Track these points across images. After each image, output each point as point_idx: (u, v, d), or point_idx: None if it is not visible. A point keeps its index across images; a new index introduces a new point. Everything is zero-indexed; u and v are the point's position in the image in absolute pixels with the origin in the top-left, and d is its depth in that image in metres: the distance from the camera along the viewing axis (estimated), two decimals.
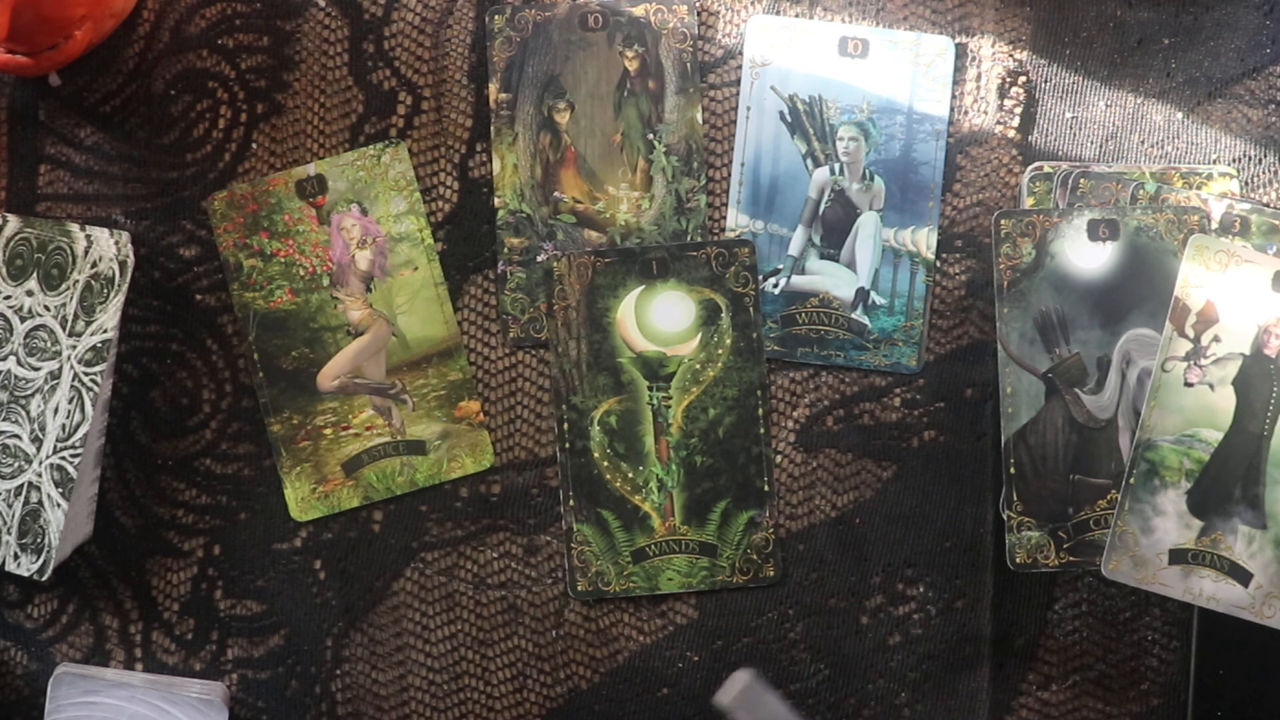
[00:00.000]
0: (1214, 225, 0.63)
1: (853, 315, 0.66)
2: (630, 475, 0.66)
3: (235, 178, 0.67)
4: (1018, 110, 0.67)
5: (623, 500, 0.66)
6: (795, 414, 0.66)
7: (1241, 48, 0.67)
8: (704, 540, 0.66)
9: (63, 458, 0.63)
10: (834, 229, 0.67)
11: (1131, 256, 0.63)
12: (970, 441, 0.66)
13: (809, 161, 0.67)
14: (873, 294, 0.66)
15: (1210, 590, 0.61)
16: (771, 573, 0.66)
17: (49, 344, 0.64)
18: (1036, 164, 0.65)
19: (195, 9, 0.67)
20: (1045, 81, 0.67)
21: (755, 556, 0.66)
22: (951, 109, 0.67)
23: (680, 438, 0.66)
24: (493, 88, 0.67)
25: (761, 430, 0.66)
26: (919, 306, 0.66)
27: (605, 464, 0.66)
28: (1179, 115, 0.67)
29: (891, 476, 0.66)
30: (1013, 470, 0.63)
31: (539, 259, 0.67)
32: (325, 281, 0.67)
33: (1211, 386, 0.61)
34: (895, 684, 0.66)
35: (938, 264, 0.67)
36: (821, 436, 0.66)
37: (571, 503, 0.66)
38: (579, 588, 0.66)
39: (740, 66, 0.67)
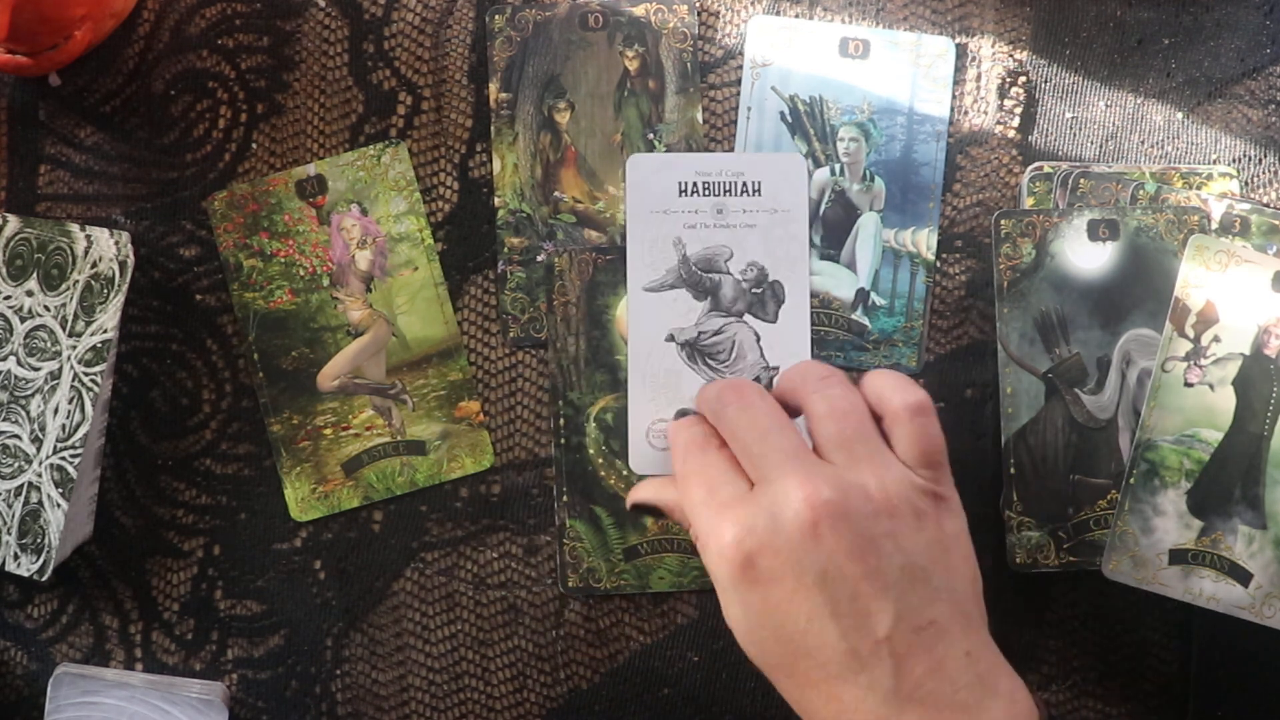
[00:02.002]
0: (1214, 225, 0.63)
1: (853, 316, 0.66)
2: (625, 473, 0.66)
3: (235, 178, 0.67)
4: (1018, 110, 0.67)
5: (616, 498, 0.66)
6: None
7: (1241, 48, 0.67)
8: None
9: (63, 458, 0.63)
10: (834, 230, 0.67)
11: (1131, 257, 0.63)
12: (970, 441, 0.66)
13: (809, 162, 0.67)
14: (873, 295, 0.66)
15: (1210, 590, 0.61)
16: None
17: (49, 344, 0.64)
18: (1036, 164, 0.65)
19: (195, 9, 0.67)
20: (1045, 81, 0.67)
21: None
22: (952, 109, 0.67)
23: None
24: (493, 88, 0.67)
25: None
26: (919, 307, 0.66)
27: (600, 460, 0.66)
28: (1179, 115, 0.67)
29: None
30: (1013, 470, 0.63)
31: (539, 259, 0.67)
32: (325, 281, 0.67)
33: (1211, 386, 0.61)
34: None
35: (938, 264, 0.67)
36: None
37: (565, 498, 0.66)
38: (570, 584, 0.66)
39: (740, 67, 0.67)
